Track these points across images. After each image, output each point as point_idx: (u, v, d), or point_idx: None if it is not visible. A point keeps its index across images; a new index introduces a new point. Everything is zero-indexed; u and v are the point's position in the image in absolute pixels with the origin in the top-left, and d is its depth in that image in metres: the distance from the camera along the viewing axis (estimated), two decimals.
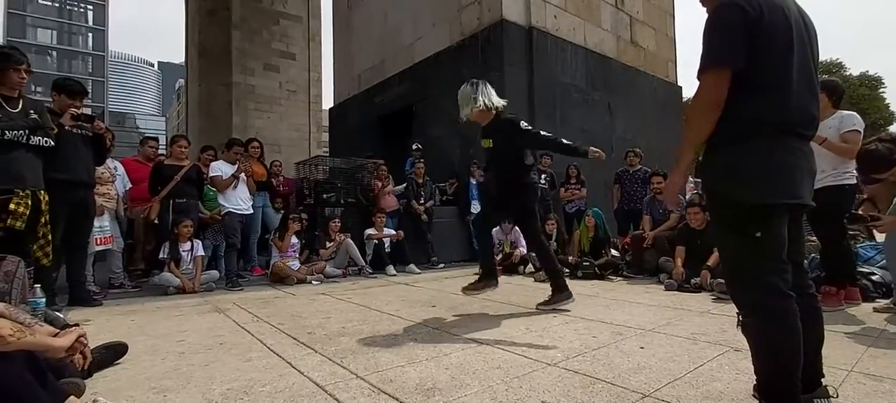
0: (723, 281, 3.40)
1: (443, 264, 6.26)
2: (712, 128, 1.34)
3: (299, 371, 1.94)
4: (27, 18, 51.39)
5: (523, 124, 3.20)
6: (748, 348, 1.37)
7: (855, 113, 3.14)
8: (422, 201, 6.41)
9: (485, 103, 3.16)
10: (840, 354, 2.03)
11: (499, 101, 3.23)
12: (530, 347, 2.25)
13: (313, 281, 4.86)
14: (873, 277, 3.47)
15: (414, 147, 7.38)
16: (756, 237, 1.31)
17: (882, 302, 3.13)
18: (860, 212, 3.20)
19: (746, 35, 1.28)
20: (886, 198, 3.05)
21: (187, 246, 4.45)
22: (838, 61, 27.08)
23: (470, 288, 3.38)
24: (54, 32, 53.20)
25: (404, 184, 6.71)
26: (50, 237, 3.04)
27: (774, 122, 1.31)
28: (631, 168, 6.42)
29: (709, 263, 3.98)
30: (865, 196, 3.40)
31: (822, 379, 1.42)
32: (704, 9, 1.45)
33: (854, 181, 3.15)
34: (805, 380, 1.33)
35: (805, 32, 1.39)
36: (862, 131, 3.07)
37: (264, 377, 1.87)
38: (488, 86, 3.24)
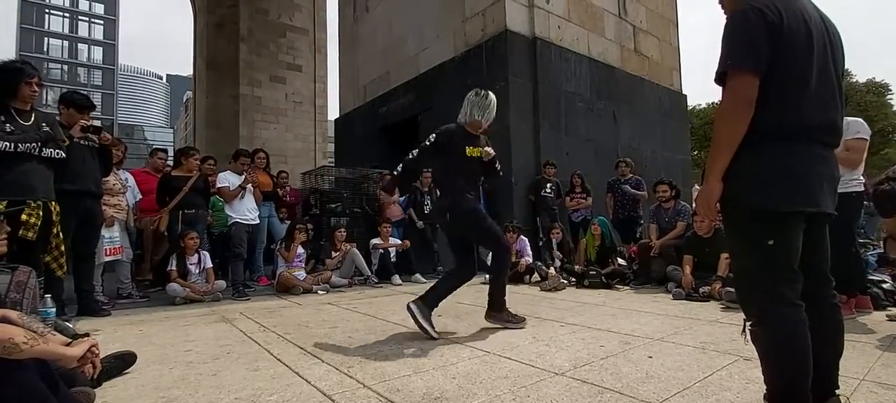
0: (732, 290, 3.38)
1: None
2: (746, 128, 1.27)
3: (307, 380, 1.94)
4: (39, 32, 52.40)
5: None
6: (758, 357, 1.36)
7: (861, 119, 3.10)
8: (426, 208, 6.42)
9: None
10: (852, 363, 1.99)
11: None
12: (537, 356, 2.24)
13: (319, 291, 4.87)
14: (884, 285, 3.43)
15: None
16: (768, 245, 1.28)
17: (895, 310, 3.09)
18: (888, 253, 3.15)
19: (767, 39, 1.26)
20: None
21: (194, 258, 4.48)
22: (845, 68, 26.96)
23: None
24: (66, 43, 54.13)
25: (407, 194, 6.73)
26: (63, 248, 3.08)
27: (793, 129, 1.29)
28: (622, 178, 6.47)
29: (719, 273, 3.96)
30: (884, 232, 3.33)
31: (837, 391, 1.39)
32: (722, 11, 1.42)
33: (861, 189, 3.12)
34: (819, 390, 1.32)
35: (827, 41, 1.37)
36: (868, 138, 3.04)
37: (272, 386, 1.88)
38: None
